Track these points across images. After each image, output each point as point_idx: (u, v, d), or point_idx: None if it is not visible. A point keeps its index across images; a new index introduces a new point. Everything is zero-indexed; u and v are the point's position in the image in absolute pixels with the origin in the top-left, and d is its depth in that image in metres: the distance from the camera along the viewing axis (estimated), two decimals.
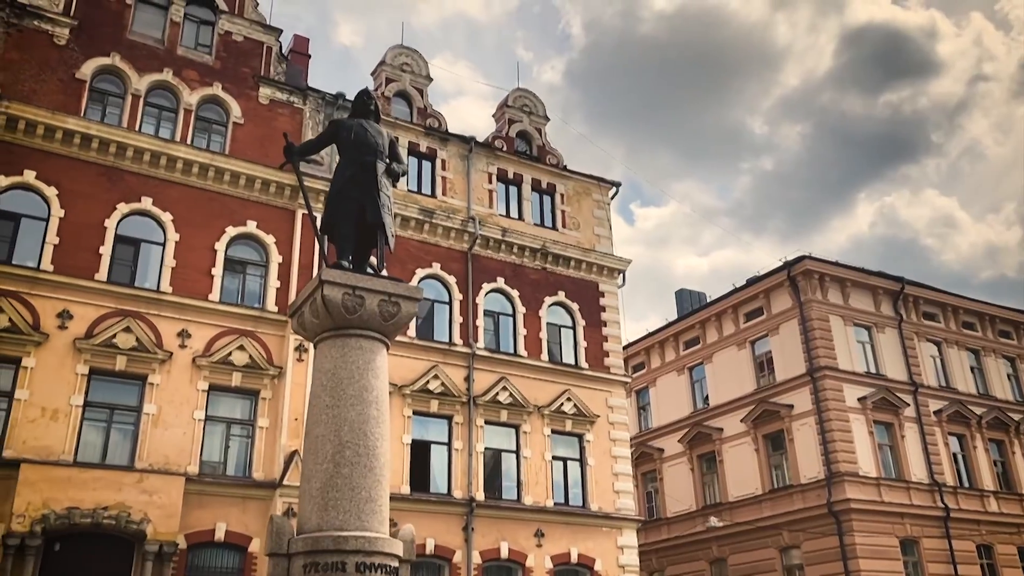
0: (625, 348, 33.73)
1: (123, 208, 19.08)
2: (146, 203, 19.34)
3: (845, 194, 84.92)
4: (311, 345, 20.47)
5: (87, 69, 19.68)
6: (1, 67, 18.65)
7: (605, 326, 24.70)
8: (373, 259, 7.80)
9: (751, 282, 30.50)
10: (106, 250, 18.64)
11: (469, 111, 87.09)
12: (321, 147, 8.29)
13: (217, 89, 21.12)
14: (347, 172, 7.74)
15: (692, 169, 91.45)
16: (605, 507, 22.64)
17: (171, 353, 18.46)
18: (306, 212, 7.91)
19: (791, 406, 27.85)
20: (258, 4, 22.60)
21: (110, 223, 18.86)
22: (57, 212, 18.36)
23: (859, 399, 27.27)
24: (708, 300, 33.90)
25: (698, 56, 78.65)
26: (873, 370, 28.47)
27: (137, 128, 19.80)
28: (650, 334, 34.37)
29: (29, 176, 18.28)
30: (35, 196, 18.31)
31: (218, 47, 21.61)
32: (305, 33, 79.43)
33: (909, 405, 28.25)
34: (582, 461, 22.95)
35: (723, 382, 30.84)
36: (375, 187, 7.62)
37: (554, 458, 22.49)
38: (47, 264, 17.92)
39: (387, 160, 7.91)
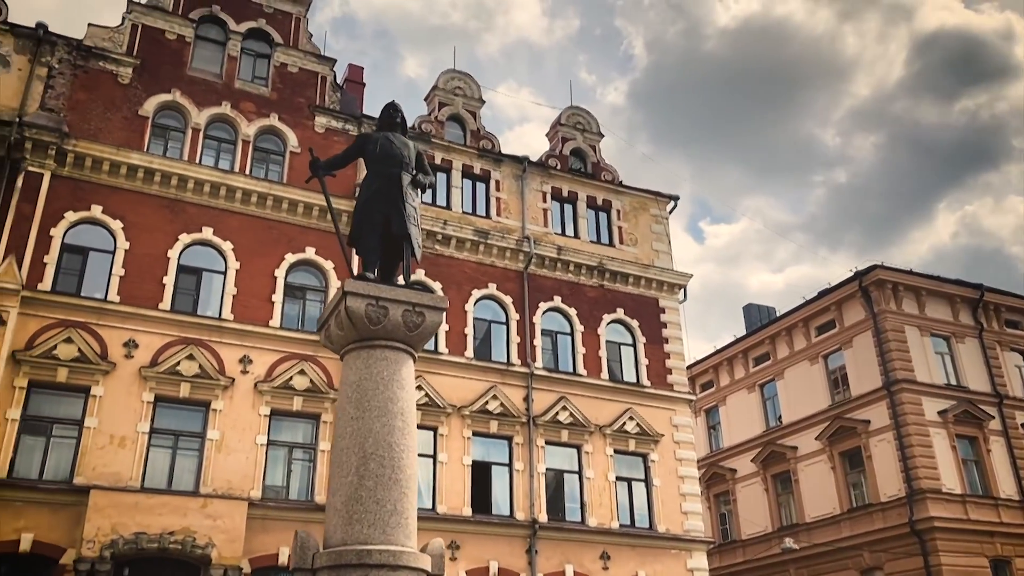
0: (693, 366, 33.16)
1: (185, 239, 19.56)
2: (207, 233, 19.80)
3: (924, 204, 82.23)
4: None
5: (149, 106, 20.34)
6: (69, 107, 19.42)
7: (667, 343, 24.20)
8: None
9: (822, 294, 29.59)
10: (169, 280, 19.11)
11: (534, 136, 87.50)
12: (348, 161, 8.30)
13: (274, 120, 21.58)
14: (373, 185, 7.74)
15: (763, 184, 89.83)
16: (673, 529, 22.05)
17: (233, 379, 18.76)
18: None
19: (868, 422, 26.81)
20: (312, 36, 23.08)
21: (173, 253, 19.34)
22: (122, 244, 18.92)
23: (939, 412, 26.08)
24: (778, 315, 33.02)
25: (764, 71, 77.51)
26: (953, 382, 27.24)
27: (198, 161, 20.34)
28: (718, 351, 33.60)
29: (96, 211, 18.91)
30: (102, 230, 18.92)
31: (274, 79, 22.12)
32: (371, 67, 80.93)
33: (994, 418, 26.90)
34: (647, 481, 22.43)
35: (796, 399, 29.90)
36: (400, 198, 7.58)
37: (618, 479, 22.03)
38: (113, 295, 18.45)
39: (413, 171, 7.86)
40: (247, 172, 20.73)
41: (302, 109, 22.05)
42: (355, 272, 8.10)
